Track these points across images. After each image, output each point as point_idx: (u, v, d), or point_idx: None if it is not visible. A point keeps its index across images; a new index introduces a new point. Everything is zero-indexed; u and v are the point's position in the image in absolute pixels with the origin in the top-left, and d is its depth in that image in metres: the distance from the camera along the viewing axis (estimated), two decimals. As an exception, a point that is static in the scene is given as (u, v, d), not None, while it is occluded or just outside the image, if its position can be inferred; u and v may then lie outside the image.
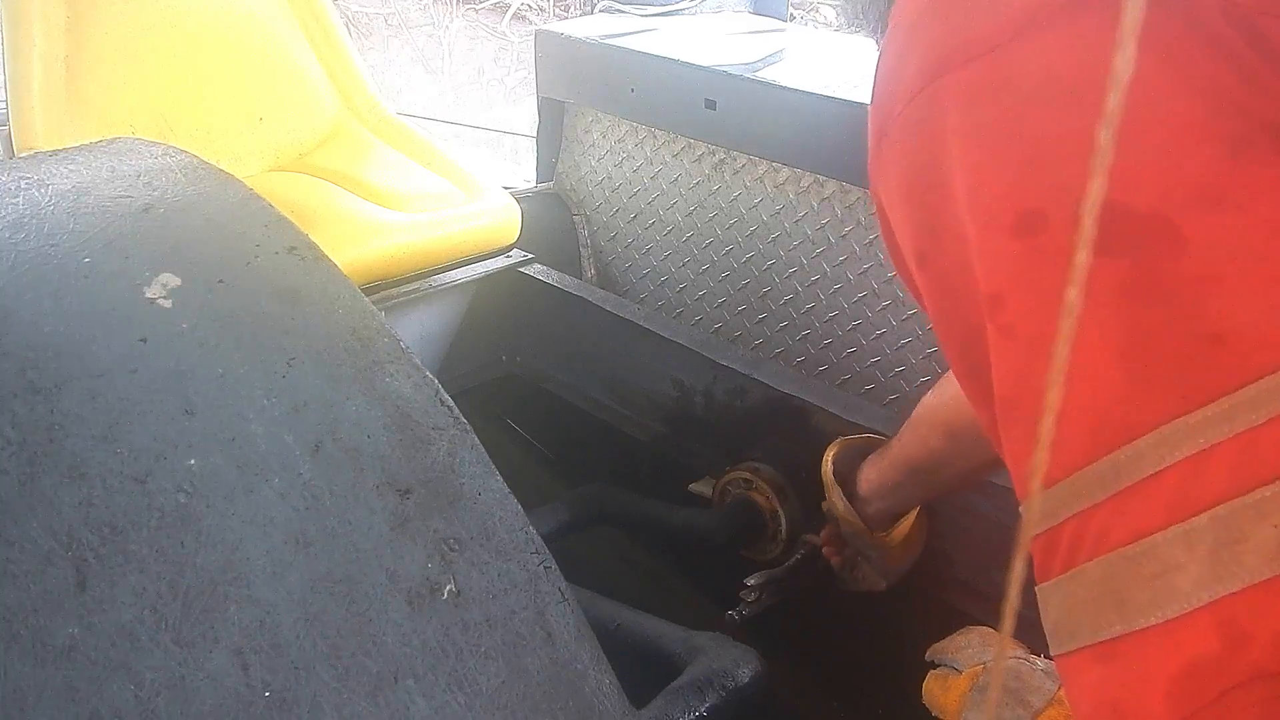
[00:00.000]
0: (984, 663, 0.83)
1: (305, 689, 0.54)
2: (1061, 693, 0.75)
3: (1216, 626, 0.32)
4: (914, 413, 0.97)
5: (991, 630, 0.88)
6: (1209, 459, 0.33)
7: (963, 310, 0.42)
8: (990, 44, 0.40)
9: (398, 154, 1.66)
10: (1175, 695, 0.33)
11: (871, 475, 1.05)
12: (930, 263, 0.45)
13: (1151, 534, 0.34)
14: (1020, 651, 0.82)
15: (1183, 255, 0.35)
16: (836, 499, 1.05)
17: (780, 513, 1.23)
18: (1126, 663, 0.35)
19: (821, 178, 1.44)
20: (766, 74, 1.50)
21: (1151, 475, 0.34)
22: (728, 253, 1.62)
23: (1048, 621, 0.39)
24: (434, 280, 1.50)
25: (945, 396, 0.93)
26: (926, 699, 0.86)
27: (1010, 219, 0.39)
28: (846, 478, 1.07)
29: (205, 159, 0.86)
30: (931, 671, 0.87)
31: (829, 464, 1.07)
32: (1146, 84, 0.36)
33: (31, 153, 0.91)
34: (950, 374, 0.93)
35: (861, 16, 0.60)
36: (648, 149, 1.70)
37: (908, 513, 1.07)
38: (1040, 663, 0.79)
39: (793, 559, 1.16)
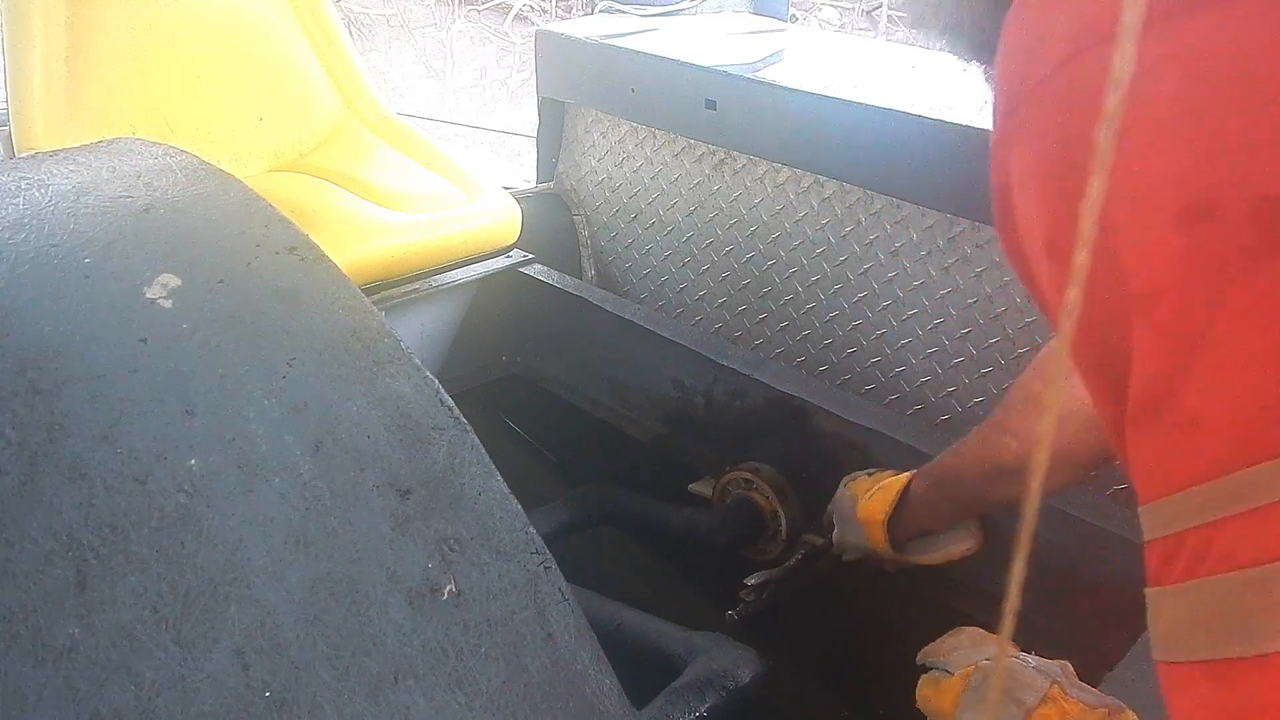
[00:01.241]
0: (976, 663, 0.82)
1: (305, 689, 0.54)
2: (1054, 690, 0.74)
3: None
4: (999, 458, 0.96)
5: (980, 630, 0.88)
6: None
7: (1101, 303, 0.38)
8: (1159, 11, 0.35)
9: (398, 154, 1.66)
10: None
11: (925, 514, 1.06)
12: (1065, 251, 0.40)
13: None
14: (1012, 650, 0.81)
15: None
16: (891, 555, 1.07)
17: (780, 513, 1.24)
18: (1245, 685, 0.34)
19: (822, 178, 1.44)
20: (766, 74, 1.50)
21: None
22: (728, 253, 1.62)
23: (1155, 626, 0.37)
24: (434, 280, 1.50)
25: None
26: (921, 703, 0.86)
27: (1175, 209, 0.35)
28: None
29: (205, 159, 0.86)
30: (923, 675, 0.87)
31: (882, 527, 1.06)
32: None
33: (32, 153, 0.91)
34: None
35: (931, 17, 0.54)
36: (648, 149, 1.70)
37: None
38: (1032, 660, 0.78)
39: (793, 559, 1.16)
